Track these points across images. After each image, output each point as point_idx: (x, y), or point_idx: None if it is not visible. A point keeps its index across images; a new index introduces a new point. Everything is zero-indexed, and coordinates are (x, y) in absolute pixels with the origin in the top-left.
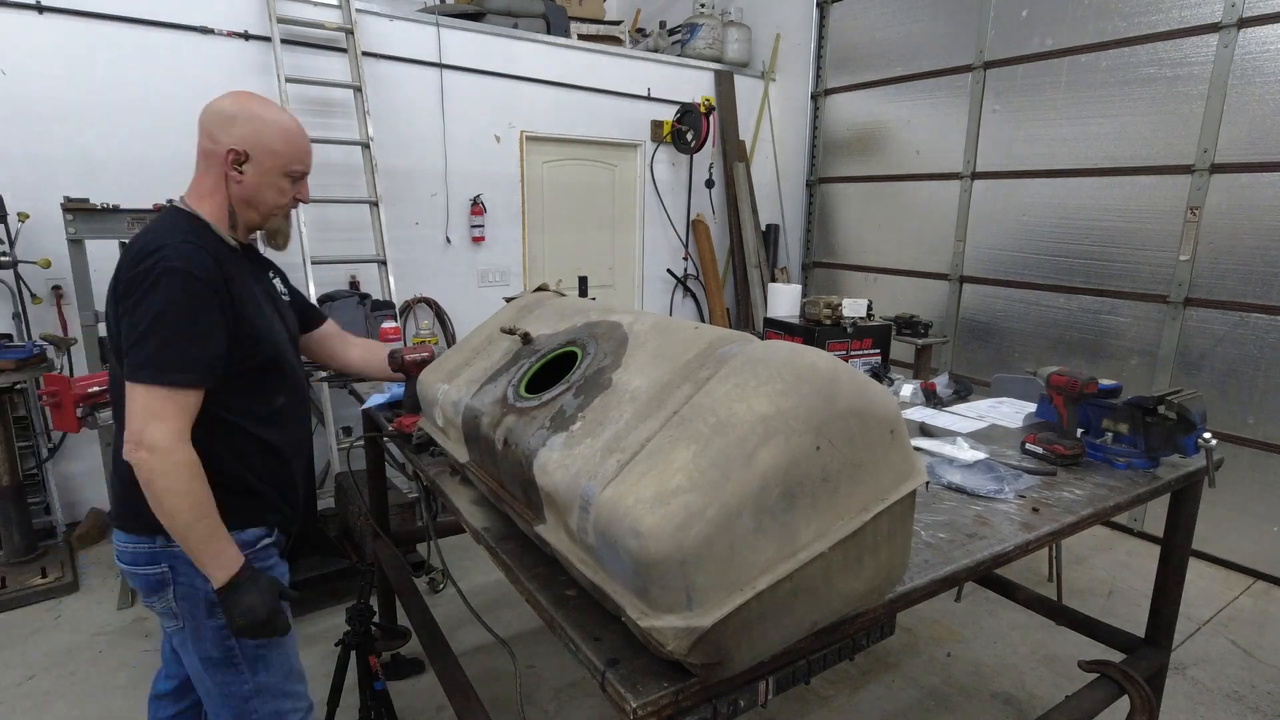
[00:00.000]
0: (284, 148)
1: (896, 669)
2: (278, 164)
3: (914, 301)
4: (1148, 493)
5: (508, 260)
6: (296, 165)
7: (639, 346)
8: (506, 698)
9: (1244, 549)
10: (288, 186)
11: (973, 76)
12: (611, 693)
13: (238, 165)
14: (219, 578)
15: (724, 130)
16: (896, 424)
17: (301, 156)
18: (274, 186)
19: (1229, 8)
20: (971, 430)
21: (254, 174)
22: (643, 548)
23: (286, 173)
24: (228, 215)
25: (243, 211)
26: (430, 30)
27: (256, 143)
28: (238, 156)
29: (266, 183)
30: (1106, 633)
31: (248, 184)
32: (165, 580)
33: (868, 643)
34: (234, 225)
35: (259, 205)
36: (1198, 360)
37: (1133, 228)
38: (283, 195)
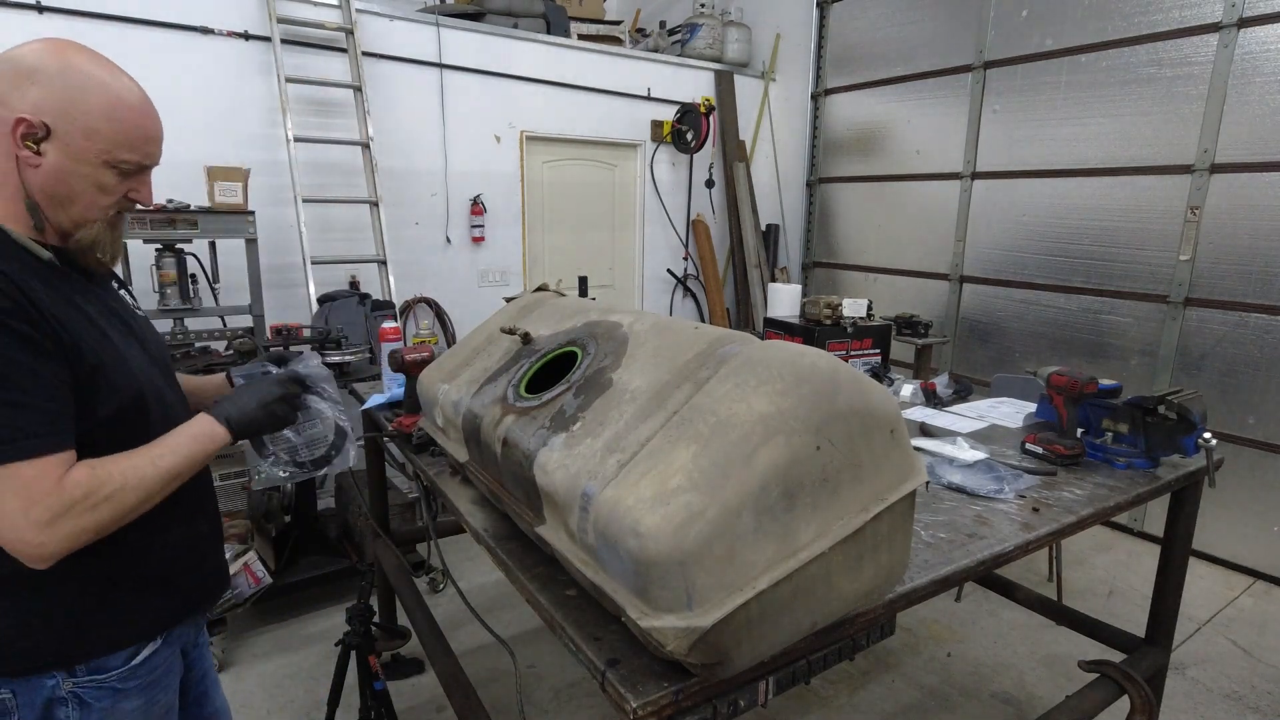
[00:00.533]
0: (107, 126)
1: (896, 669)
2: (95, 148)
3: (914, 301)
4: (1148, 493)
5: (508, 260)
6: (124, 153)
7: (639, 346)
8: (506, 698)
9: (1244, 549)
10: (112, 182)
11: (973, 76)
12: (611, 693)
13: (32, 142)
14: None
15: (724, 130)
16: (896, 424)
17: (134, 141)
18: (89, 180)
19: (1229, 8)
20: (971, 430)
21: (58, 157)
22: (643, 548)
23: (109, 161)
24: (26, 212)
25: (49, 209)
26: (430, 30)
27: (63, 112)
28: (31, 129)
29: (77, 173)
30: (1106, 633)
31: (48, 171)
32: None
33: (868, 643)
34: (39, 226)
35: (66, 204)
36: (1198, 360)
37: (1133, 228)
38: (104, 193)
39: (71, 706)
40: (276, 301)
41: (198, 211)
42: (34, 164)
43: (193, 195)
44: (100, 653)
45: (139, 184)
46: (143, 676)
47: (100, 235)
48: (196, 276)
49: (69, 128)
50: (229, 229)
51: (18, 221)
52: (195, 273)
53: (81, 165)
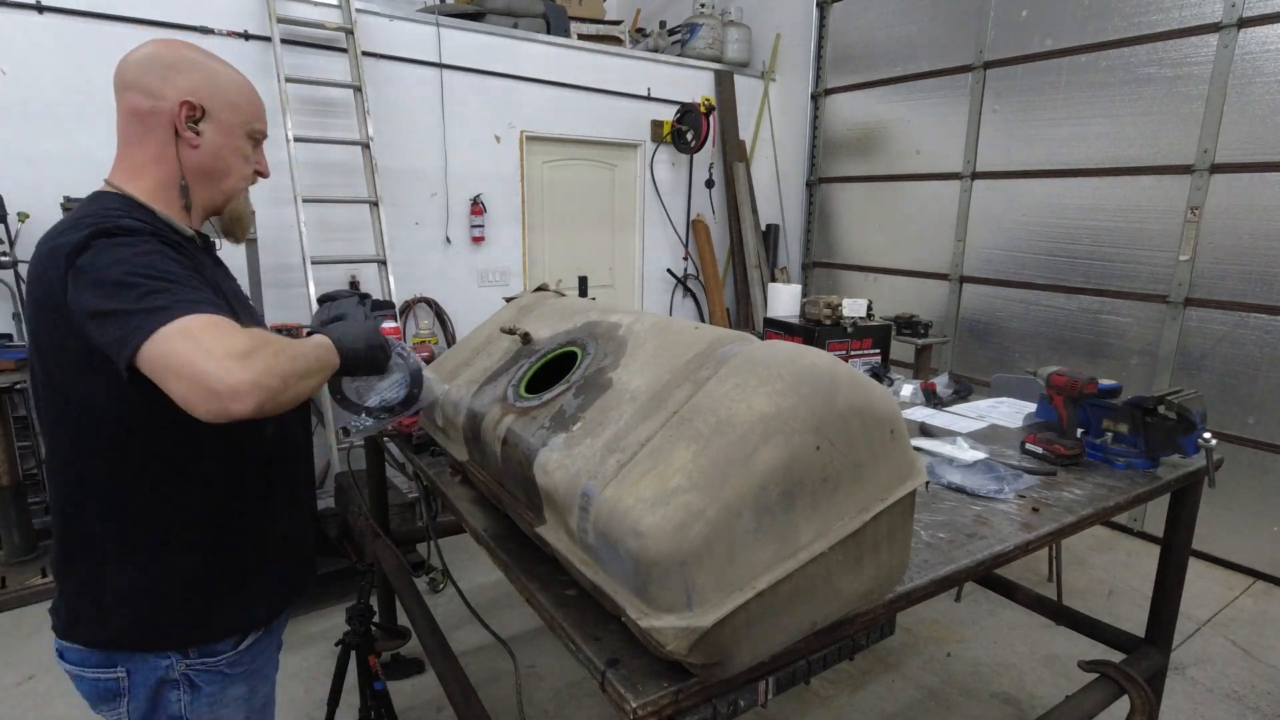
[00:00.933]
0: (244, 101)
1: (896, 669)
2: (240, 120)
3: (914, 301)
4: (1148, 493)
5: (508, 260)
6: (258, 123)
7: (639, 346)
8: (506, 698)
9: (1244, 549)
10: (250, 151)
11: (973, 76)
12: (611, 693)
13: (193, 123)
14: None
15: (724, 130)
16: (896, 424)
17: (260, 112)
18: (237, 151)
19: (1229, 8)
20: (971, 430)
21: (214, 134)
22: (643, 548)
23: (250, 133)
24: (178, 194)
25: (201, 188)
26: (430, 30)
27: (213, 93)
28: (193, 111)
29: (229, 145)
30: (1106, 633)
31: (207, 148)
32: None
33: (868, 643)
34: (187, 207)
35: (222, 177)
36: (1198, 360)
37: (1133, 228)
38: (247, 163)
39: (183, 689)
40: (276, 301)
41: None
42: (195, 144)
43: None
44: (219, 636)
45: (260, 155)
46: (247, 663)
47: (244, 208)
48: None
49: (219, 106)
50: None
51: (168, 204)
52: None
53: (231, 138)
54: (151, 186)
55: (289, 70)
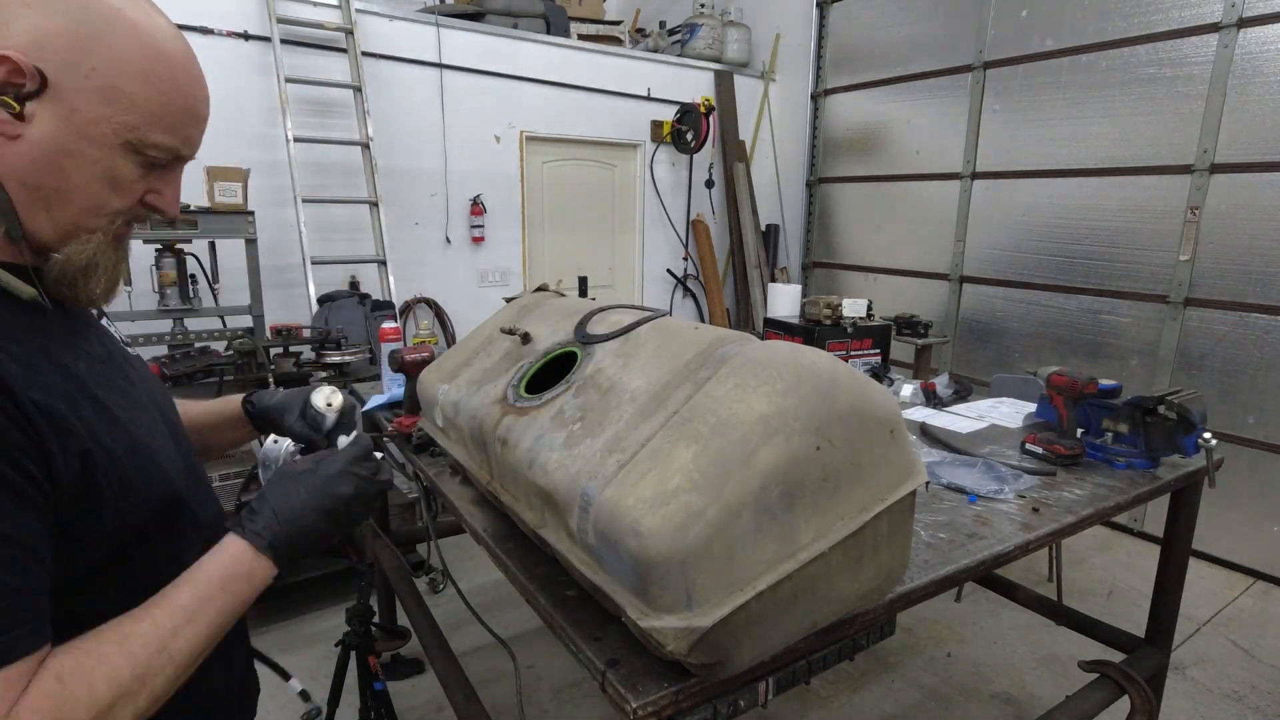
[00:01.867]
0: (139, 87)
1: (896, 669)
2: (115, 119)
3: (914, 301)
4: (1148, 493)
5: (508, 260)
6: (157, 132)
7: (639, 346)
8: (506, 698)
9: (1244, 549)
10: (131, 174)
11: (973, 76)
12: (611, 693)
13: (13, 99)
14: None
15: (724, 130)
16: (896, 424)
17: (174, 115)
18: (97, 167)
19: (1229, 8)
20: (971, 430)
21: (53, 126)
22: (643, 548)
23: (133, 143)
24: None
25: (28, 206)
26: (430, 30)
27: (72, 57)
28: (16, 75)
29: (81, 155)
30: (1106, 633)
31: (35, 146)
32: None
33: (868, 643)
34: (10, 234)
35: (56, 201)
36: (1198, 360)
37: (1133, 228)
38: (115, 191)
39: None
40: (276, 302)
41: (197, 212)
42: (12, 133)
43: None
44: None
45: (164, 183)
46: None
47: (99, 255)
48: (196, 277)
49: (78, 83)
50: (229, 229)
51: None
52: (195, 273)
53: (89, 144)
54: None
55: (289, 70)
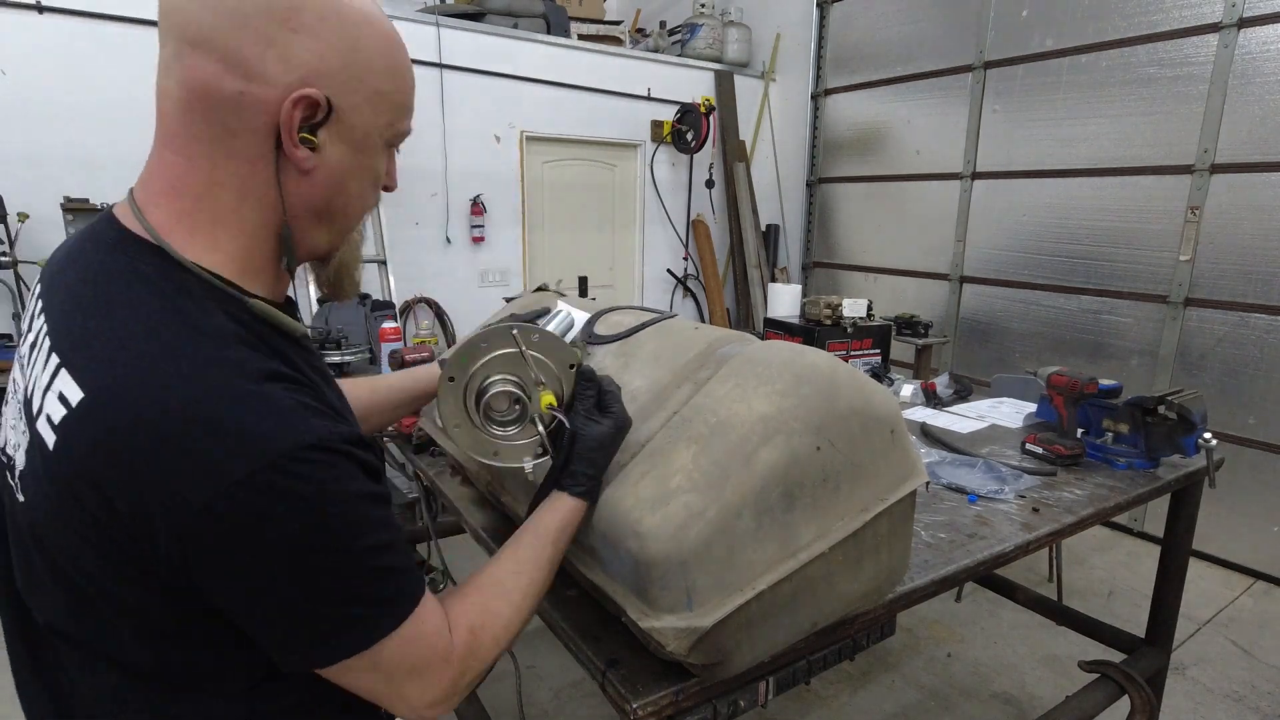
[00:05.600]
0: (391, 83)
1: (896, 669)
2: (380, 121)
3: (914, 301)
4: (1148, 493)
5: (508, 260)
6: (404, 121)
7: (639, 346)
8: (506, 698)
9: (1244, 549)
10: (383, 168)
11: (973, 76)
12: (612, 693)
13: (309, 132)
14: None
15: (724, 130)
16: (897, 424)
17: (411, 104)
18: (370, 172)
19: (1229, 8)
20: (971, 430)
21: (339, 150)
22: (643, 548)
23: (392, 140)
24: (274, 248)
25: (305, 232)
26: (430, 30)
27: (348, 76)
28: (312, 110)
29: (360, 166)
30: (1107, 633)
31: (328, 174)
32: None
33: (868, 643)
34: (290, 267)
35: (338, 213)
36: (1198, 360)
37: (1133, 228)
38: (376, 187)
39: None
40: None
41: None
42: (306, 167)
43: None
44: None
45: (392, 165)
46: None
47: (354, 254)
48: None
49: (354, 99)
50: None
51: (256, 272)
52: None
53: (365, 156)
54: (242, 245)
55: None
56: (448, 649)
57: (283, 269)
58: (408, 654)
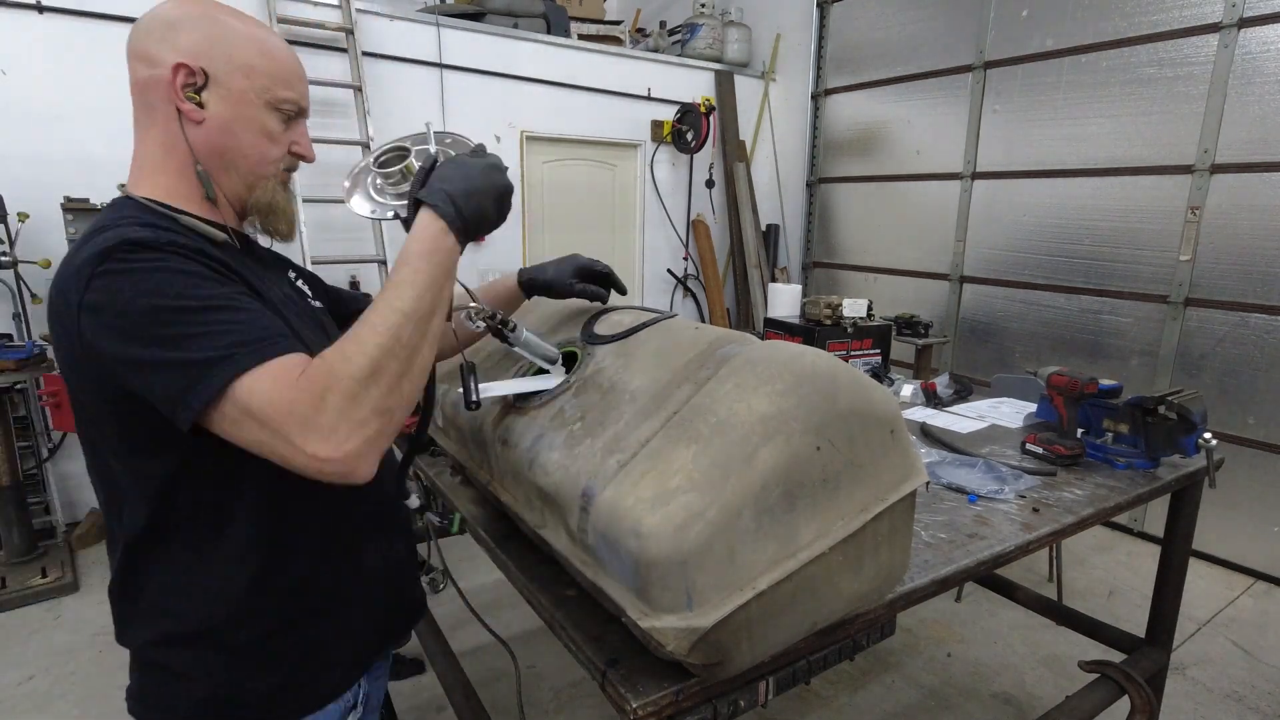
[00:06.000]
0: (261, 61)
1: (896, 669)
2: (255, 85)
3: (914, 301)
4: (1148, 493)
5: (508, 260)
6: (284, 90)
7: (639, 346)
8: (506, 698)
9: (1244, 549)
10: (276, 127)
11: (973, 76)
12: (612, 693)
13: (193, 92)
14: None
15: (724, 130)
16: (897, 424)
17: (289, 77)
18: (254, 125)
19: (1229, 8)
20: (971, 430)
21: (220, 106)
22: (643, 548)
23: (271, 102)
24: (199, 186)
25: (219, 175)
26: (430, 30)
27: (217, 54)
28: (191, 76)
29: (242, 118)
30: (1106, 633)
31: (214, 123)
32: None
33: (868, 643)
34: (211, 199)
35: (237, 158)
36: (1198, 360)
37: (1133, 228)
38: (271, 141)
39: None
40: None
41: None
42: (198, 118)
43: None
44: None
45: (299, 135)
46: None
47: (275, 196)
48: None
49: (227, 69)
50: None
51: (189, 200)
52: None
53: (245, 109)
54: (170, 181)
55: None
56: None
57: (205, 199)
58: (275, 394)
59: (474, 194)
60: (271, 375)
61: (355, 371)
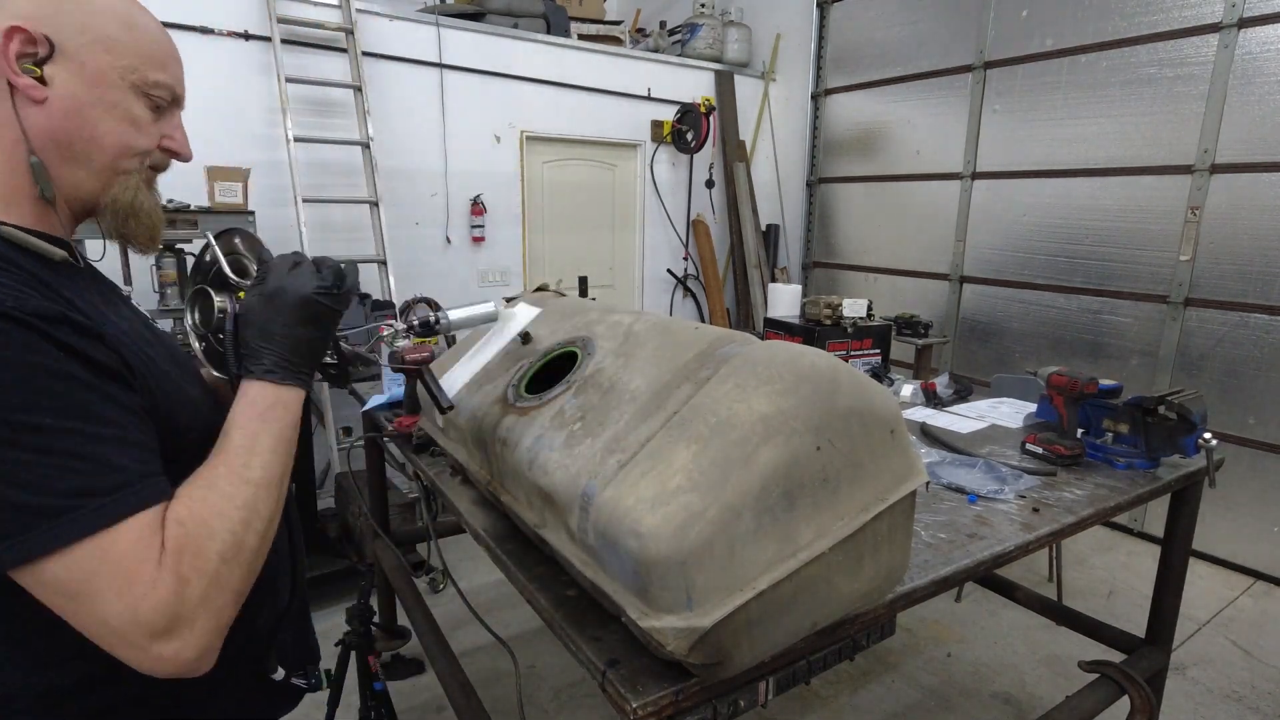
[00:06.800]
0: (128, 35)
1: (896, 669)
2: (118, 64)
3: (914, 301)
4: (1148, 493)
5: (508, 260)
6: (155, 73)
7: (639, 346)
8: (506, 698)
9: (1244, 549)
10: (144, 115)
11: (973, 76)
12: (612, 693)
13: (33, 64)
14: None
15: (724, 130)
16: (897, 424)
17: (162, 58)
18: (115, 110)
19: (1229, 8)
20: (971, 430)
21: (70, 83)
22: (643, 548)
23: (138, 85)
24: (30, 181)
25: (62, 167)
26: (430, 30)
27: (68, 21)
28: (31, 44)
29: (100, 101)
30: (1106, 633)
31: (60, 104)
32: None
33: (868, 643)
34: (47, 198)
35: (90, 148)
36: (1198, 360)
37: (1133, 228)
38: (137, 130)
39: None
40: None
41: (198, 211)
42: (38, 96)
43: (193, 195)
44: None
45: (173, 127)
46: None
47: (139, 196)
48: None
49: (81, 40)
50: None
51: (13, 200)
52: None
53: (104, 90)
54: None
55: (289, 70)
56: (156, 554)
57: (39, 199)
58: (104, 565)
59: (290, 329)
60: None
61: (220, 549)
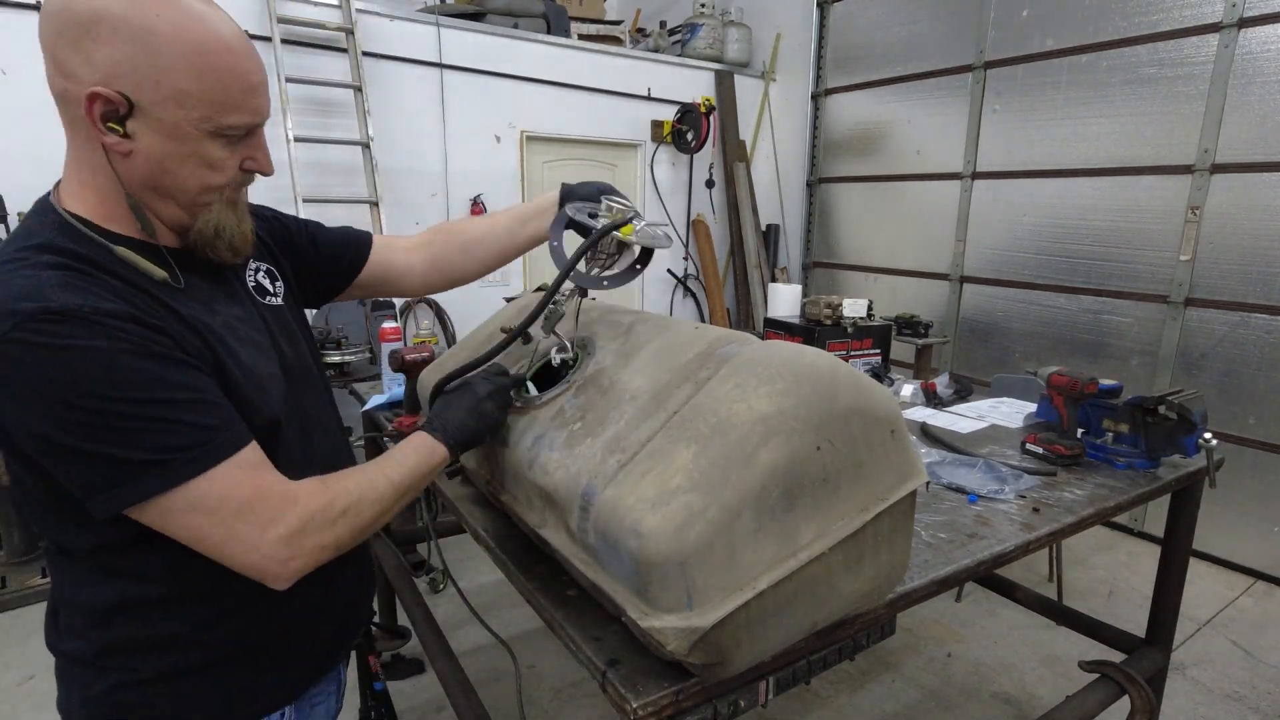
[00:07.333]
0: (201, 85)
1: (896, 669)
2: (195, 115)
3: (914, 301)
4: (1148, 493)
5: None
6: (230, 117)
7: (639, 346)
8: (506, 698)
9: (1244, 549)
10: (221, 155)
11: (973, 76)
12: (612, 693)
13: (115, 123)
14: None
15: (724, 130)
16: (897, 424)
17: (236, 97)
18: (193, 159)
19: (1229, 8)
20: (971, 430)
21: (150, 136)
22: (643, 548)
23: (215, 131)
24: (129, 210)
25: (154, 204)
26: (430, 30)
27: (144, 78)
28: (110, 107)
29: (177, 154)
30: (1107, 633)
31: (143, 155)
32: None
33: (868, 643)
34: (148, 229)
35: (174, 191)
36: (1198, 360)
37: (1133, 228)
38: (215, 171)
39: None
40: None
41: None
42: (124, 150)
43: None
44: None
45: (253, 148)
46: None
47: (223, 220)
48: None
49: (155, 95)
50: None
51: (123, 222)
52: None
53: (180, 144)
54: (100, 200)
55: (289, 70)
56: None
57: (138, 229)
58: (232, 492)
59: (468, 428)
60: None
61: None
